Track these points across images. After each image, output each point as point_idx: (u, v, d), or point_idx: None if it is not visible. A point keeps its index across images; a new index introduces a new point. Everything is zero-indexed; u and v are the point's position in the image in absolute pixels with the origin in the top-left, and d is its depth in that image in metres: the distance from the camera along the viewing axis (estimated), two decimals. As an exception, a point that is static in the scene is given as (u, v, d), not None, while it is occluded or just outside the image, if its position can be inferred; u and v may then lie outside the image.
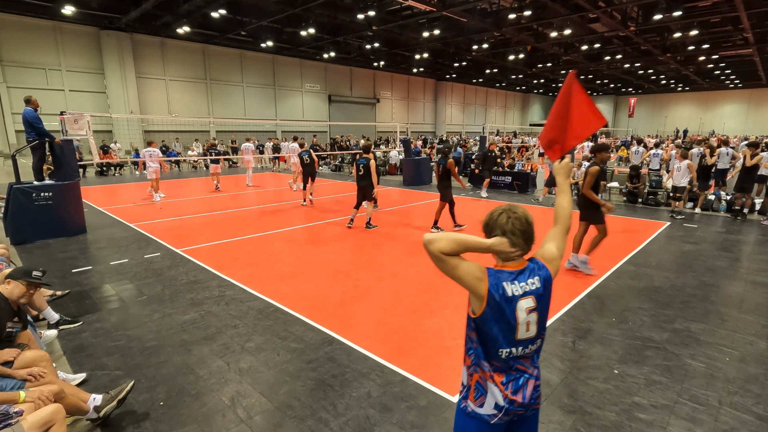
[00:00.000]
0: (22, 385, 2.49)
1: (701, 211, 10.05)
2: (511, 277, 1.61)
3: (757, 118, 46.74)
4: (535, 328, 1.64)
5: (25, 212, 7.19)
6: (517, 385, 1.65)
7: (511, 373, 1.65)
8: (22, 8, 20.39)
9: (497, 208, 1.68)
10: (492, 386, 1.63)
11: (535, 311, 1.62)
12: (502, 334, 1.60)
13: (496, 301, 1.57)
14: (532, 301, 1.61)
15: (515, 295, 1.59)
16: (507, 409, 1.64)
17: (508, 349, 1.61)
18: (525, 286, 1.61)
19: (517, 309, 1.59)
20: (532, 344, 1.65)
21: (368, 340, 3.81)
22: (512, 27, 23.19)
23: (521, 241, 1.60)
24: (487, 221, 1.67)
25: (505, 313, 1.58)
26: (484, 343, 1.63)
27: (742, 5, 18.40)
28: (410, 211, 10.14)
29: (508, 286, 1.59)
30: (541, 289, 1.64)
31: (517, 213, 1.62)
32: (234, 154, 24.69)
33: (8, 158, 17.91)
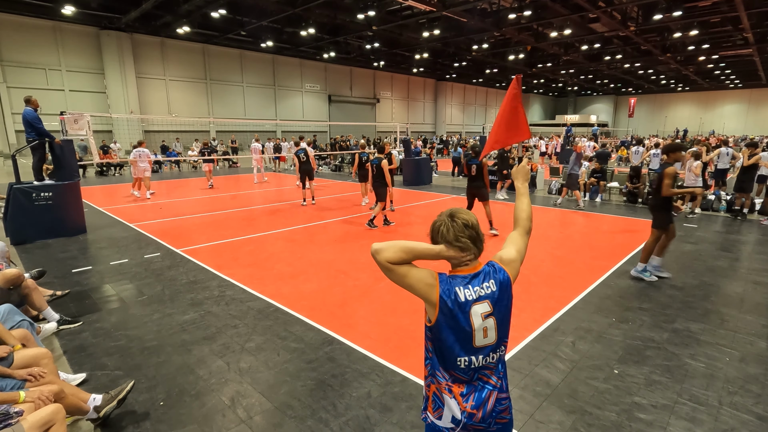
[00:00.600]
0: (22, 385, 2.49)
1: (701, 211, 10.05)
2: (464, 281, 1.55)
3: (757, 118, 46.76)
4: (494, 335, 1.55)
5: (25, 212, 7.19)
6: (479, 398, 1.56)
7: (472, 384, 1.56)
8: (22, 8, 20.41)
9: (438, 216, 1.61)
10: (448, 399, 1.56)
11: (491, 316, 1.54)
12: (459, 342, 1.53)
13: (449, 307, 1.51)
14: (488, 305, 1.54)
15: (468, 300, 1.52)
16: (465, 423, 1.55)
17: (466, 358, 1.54)
18: (479, 290, 1.55)
19: (472, 314, 1.52)
20: (493, 352, 1.57)
21: (368, 340, 3.81)
22: (512, 27, 23.21)
23: (469, 244, 1.56)
24: (430, 231, 1.61)
25: (459, 319, 1.51)
26: (440, 353, 1.56)
27: (742, 5, 18.41)
28: (410, 211, 10.14)
29: (460, 291, 1.53)
30: (497, 293, 1.57)
31: (456, 221, 1.56)
32: (234, 154, 24.71)
33: (8, 158, 17.91)
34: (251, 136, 23.79)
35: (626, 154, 22.59)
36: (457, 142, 29.30)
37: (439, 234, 1.57)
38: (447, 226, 1.55)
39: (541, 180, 13.97)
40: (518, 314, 4.39)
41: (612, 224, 8.85)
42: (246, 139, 26.02)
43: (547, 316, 4.34)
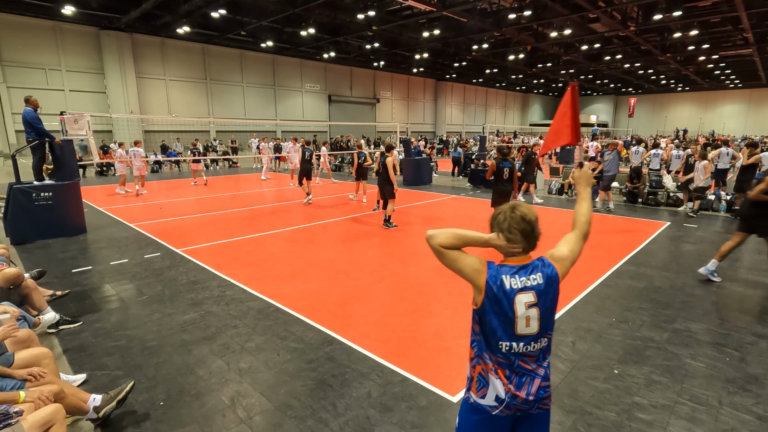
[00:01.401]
0: (22, 385, 2.49)
1: (700, 210, 10.05)
2: (512, 271, 1.65)
3: (757, 118, 46.75)
4: (536, 325, 1.63)
5: (25, 212, 7.19)
6: (520, 382, 1.65)
7: (513, 369, 1.65)
8: (22, 8, 20.41)
9: (501, 207, 1.72)
10: (494, 379, 1.66)
11: (535, 306, 1.62)
12: (502, 327, 1.63)
13: (494, 292, 1.61)
14: (532, 296, 1.62)
15: (513, 288, 1.62)
16: (509, 403, 1.64)
17: (508, 343, 1.63)
18: (526, 281, 1.63)
19: (516, 302, 1.61)
20: (535, 342, 1.64)
21: (368, 340, 3.81)
22: (512, 27, 23.20)
23: (519, 237, 1.64)
24: (491, 218, 1.73)
25: (503, 305, 1.61)
26: (485, 335, 1.66)
27: (742, 5, 18.41)
28: (410, 211, 10.14)
29: (507, 279, 1.63)
30: (543, 286, 1.64)
31: (515, 212, 1.65)
32: (234, 154, 24.71)
33: (8, 158, 17.91)
34: (251, 136, 23.85)
35: (626, 154, 22.57)
36: (456, 142, 29.30)
37: (496, 222, 1.68)
38: (505, 216, 1.66)
39: (541, 180, 13.97)
40: (518, 314, 4.39)
41: (612, 224, 8.85)
42: (246, 139, 25.98)
43: (547, 316, 4.33)
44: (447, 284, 5.23)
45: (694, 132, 42.36)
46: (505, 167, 7.38)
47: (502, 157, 7.47)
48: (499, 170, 7.38)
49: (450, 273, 4.74)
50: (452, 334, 3.94)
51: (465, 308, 4.52)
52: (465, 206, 10.85)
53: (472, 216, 9.52)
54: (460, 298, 4.79)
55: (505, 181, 7.40)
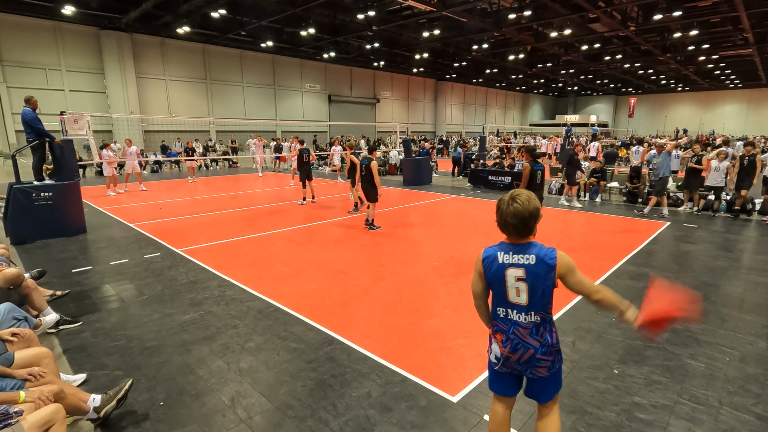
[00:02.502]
0: (22, 385, 2.49)
1: (702, 211, 10.06)
2: (507, 248, 1.95)
3: (757, 118, 46.77)
4: (525, 297, 1.91)
5: (25, 212, 7.19)
6: (514, 348, 1.96)
7: (510, 337, 1.97)
8: (22, 8, 20.42)
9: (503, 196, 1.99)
10: (493, 342, 2.06)
11: (524, 281, 1.89)
12: (498, 295, 1.99)
13: (488, 267, 1.97)
14: (522, 272, 1.89)
15: (504, 263, 1.93)
16: (504, 361, 2.01)
17: (504, 309, 1.98)
18: (518, 258, 1.91)
19: (506, 275, 1.92)
20: (525, 313, 1.92)
21: (368, 340, 3.81)
22: (512, 27, 23.20)
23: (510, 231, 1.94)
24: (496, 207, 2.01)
25: (496, 275, 1.95)
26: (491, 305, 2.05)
27: (742, 5, 18.41)
28: (410, 211, 10.14)
29: (500, 255, 1.95)
30: (534, 266, 1.88)
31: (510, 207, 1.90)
32: (234, 154, 24.72)
33: (8, 158, 17.91)
34: (250, 137, 23.85)
35: (626, 154, 22.58)
36: (457, 142, 29.30)
37: (498, 209, 1.96)
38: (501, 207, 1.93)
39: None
40: (518, 314, 4.39)
41: (612, 224, 8.85)
42: (246, 139, 25.99)
43: (547, 316, 4.33)
44: (447, 284, 5.23)
45: (694, 132, 42.34)
46: (539, 170, 6.66)
47: (534, 159, 6.71)
48: (533, 174, 6.56)
49: (450, 273, 4.74)
50: (452, 334, 3.94)
51: (465, 308, 4.52)
52: (465, 206, 10.85)
53: (472, 216, 9.52)
54: (460, 298, 4.79)
55: (538, 186, 6.69)
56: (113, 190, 13.13)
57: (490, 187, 14.01)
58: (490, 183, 14.09)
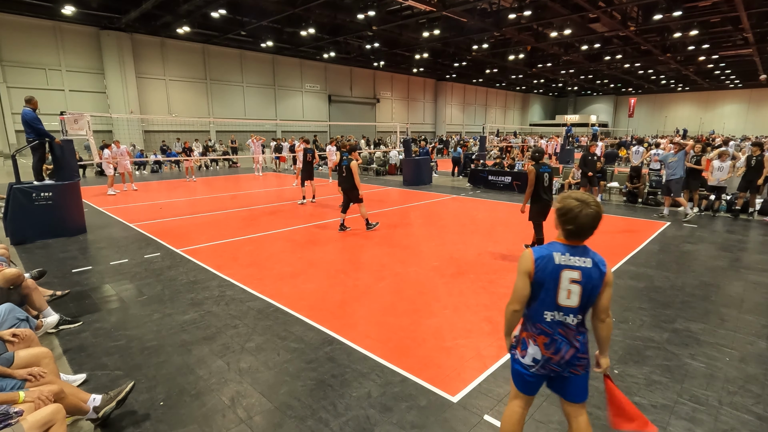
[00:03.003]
0: (22, 385, 2.49)
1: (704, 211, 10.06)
2: (564, 249, 1.91)
3: (757, 118, 46.78)
4: (576, 300, 1.90)
5: (25, 212, 7.19)
6: (557, 349, 1.96)
7: (554, 338, 1.96)
8: (22, 8, 20.42)
9: (571, 200, 1.90)
10: (532, 345, 2.01)
11: (578, 284, 1.88)
12: (548, 299, 1.93)
13: (542, 268, 1.91)
14: (578, 274, 1.88)
15: (561, 264, 1.89)
16: (544, 364, 1.99)
17: (552, 313, 1.94)
18: (575, 260, 1.89)
19: (561, 276, 1.88)
20: (574, 315, 1.93)
21: (368, 340, 3.81)
22: (512, 27, 23.21)
23: (580, 233, 1.88)
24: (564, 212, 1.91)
25: (549, 277, 1.90)
26: (533, 307, 1.98)
27: (742, 5, 18.41)
28: (410, 211, 10.14)
29: (557, 255, 1.90)
30: (591, 269, 1.88)
31: (586, 210, 1.86)
32: (234, 154, 24.72)
33: (8, 158, 17.91)
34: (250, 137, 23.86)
35: (626, 154, 22.57)
36: (457, 141, 29.29)
37: (567, 211, 1.88)
38: (573, 211, 1.87)
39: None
40: (518, 314, 4.39)
41: (612, 224, 8.84)
42: (246, 139, 25.98)
43: (547, 316, 4.33)
44: (447, 284, 5.23)
45: (694, 132, 42.34)
46: (545, 173, 6.20)
47: (537, 162, 6.25)
48: (539, 178, 6.14)
49: (450, 273, 4.75)
50: (452, 334, 3.94)
51: (465, 308, 4.52)
52: (465, 206, 10.85)
53: (472, 216, 9.52)
54: (460, 298, 4.79)
55: (547, 189, 6.25)
56: (114, 189, 13.24)
57: (490, 187, 14.02)
58: (490, 183, 14.09)
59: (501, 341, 3.80)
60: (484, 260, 6.20)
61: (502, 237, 7.63)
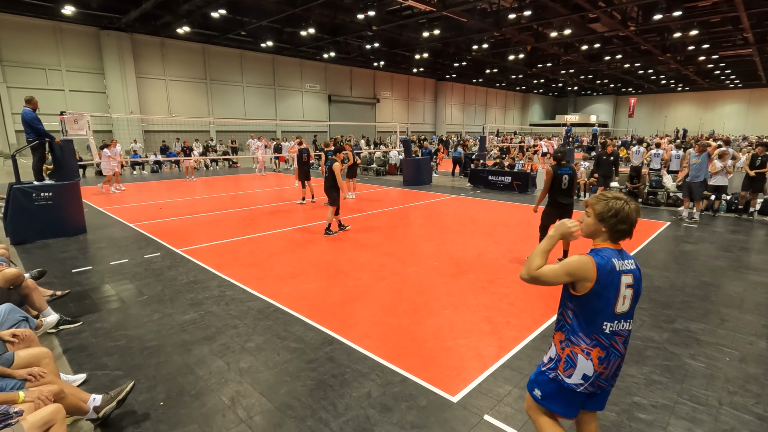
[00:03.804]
0: (21, 385, 2.49)
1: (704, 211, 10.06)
2: (616, 253, 1.83)
3: (757, 118, 46.77)
4: (629, 304, 1.83)
5: (25, 212, 7.19)
6: (608, 361, 1.84)
7: (606, 347, 1.83)
8: (22, 8, 20.41)
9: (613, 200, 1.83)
10: (584, 360, 1.84)
11: (631, 288, 1.82)
12: (608, 308, 1.80)
13: (606, 275, 1.77)
14: (631, 278, 1.82)
15: (620, 270, 1.80)
16: (594, 381, 1.85)
17: (611, 323, 1.82)
18: (626, 264, 1.83)
19: (621, 282, 1.80)
20: (625, 321, 1.84)
21: (368, 340, 3.81)
22: (512, 27, 23.20)
23: (628, 229, 1.83)
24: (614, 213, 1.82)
25: (612, 285, 1.79)
26: (586, 318, 1.83)
27: (742, 5, 18.41)
28: (410, 211, 10.14)
29: (616, 261, 1.80)
30: (637, 272, 1.85)
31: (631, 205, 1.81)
32: (234, 154, 24.72)
33: (8, 158, 17.91)
34: (250, 137, 23.87)
35: (626, 153, 22.57)
36: (457, 141, 29.28)
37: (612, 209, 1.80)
38: (624, 210, 1.80)
39: (541, 180, 13.97)
40: (518, 314, 4.39)
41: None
42: (246, 139, 25.99)
43: (547, 315, 4.34)
44: (447, 284, 5.23)
45: (694, 132, 42.35)
46: (565, 174, 5.87)
47: (558, 163, 5.95)
48: (558, 179, 5.86)
49: (450, 273, 4.72)
50: (452, 334, 3.94)
51: (465, 308, 4.52)
52: (465, 206, 10.85)
53: (472, 216, 9.51)
54: (460, 298, 4.79)
55: (565, 191, 5.92)
56: (115, 187, 13.34)
57: (490, 187, 14.02)
58: (490, 183, 14.09)
59: (501, 341, 3.80)
60: (484, 260, 6.20)
61: (502, 237, 7.62)
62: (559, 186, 5.84)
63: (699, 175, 8.80)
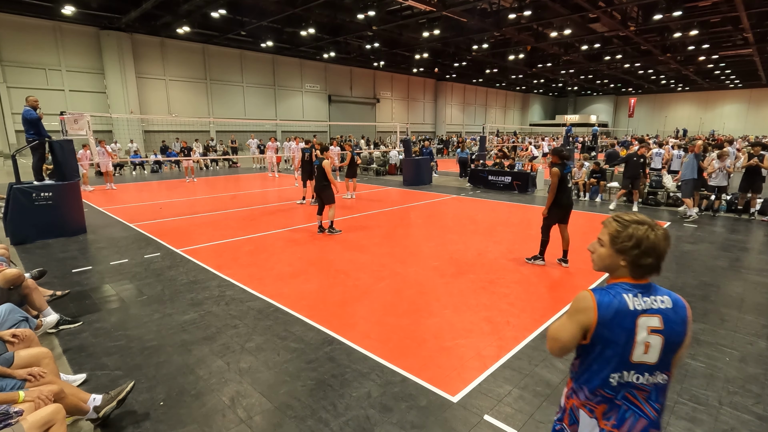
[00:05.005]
0: (21, 385, 2.49)
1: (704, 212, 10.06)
2: (634, 290, 1.43)
3: (757, 118, 46.76)
4: (656, 355, 1.41)
5: (25, 212, 7.19)
6: (621, 419, 1.43)
7: (616, 404, 1.44)
8: (22, 8, 20.41)
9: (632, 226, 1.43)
10: (587, 418, 1.48)
11: (659, 334, 1.40)
12: (618, 357, 1.41)
13: (610, 317, 1.40)
14: (658, 321, 1.40)
15: (636, 309, 1.40)
16: None
17: (619, 374, 1.43)
18: (651, 302, 1.42)
19: (637, 325, 1.39)
20: (650, 374, 1.43)
21: (368, 340, 3.81)
22: (512, 27, 23.20)
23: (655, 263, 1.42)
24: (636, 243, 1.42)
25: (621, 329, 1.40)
26: (590, 369, 1.47)
27: (742, 5, 18.41)
28: (410, 211, 10.14)
29: (629, 298, 1.41)
30: (671, 311, 1.41)
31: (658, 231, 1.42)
32: (234, 154, 24.72)
33: (8, 158, 17.91)
34: (250, 137, 23.87)
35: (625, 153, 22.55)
36: (457, 141, 29.25)
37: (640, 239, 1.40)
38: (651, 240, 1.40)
39: (541, 180, 13.98)
40: (518, 314, 4.39)
41: (612, 224, 8.83)
42: (246, 139, 25.98)
43: (547, 316, 4.34)
44: (447, 284, 5.23)
45: (694, 132, 42.34)
46: (568, 173, 5.81)
47: (562, 161, 5.74)
48: (564, 178, 5.70)
49: (450, 273, 4.74)
50: (452, 334, 3.94)
51: (465, 308, 4.52)
52: (465, 206, 10.85)
53: (472, 216, 9.51)
54: (460, 298, 4.79)
55: (569, 191, 5.83)
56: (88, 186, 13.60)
57: (490, 187, 14.02)
58: (490, 183, 14.09)
59: (501, 341, 3.80)
60: (484, 260, 6.20)
61: (502, 237, 7.62)
62: (565, 186, 5.74)
63: (685, 173, 9.26)
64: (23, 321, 3.18)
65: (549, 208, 5.83)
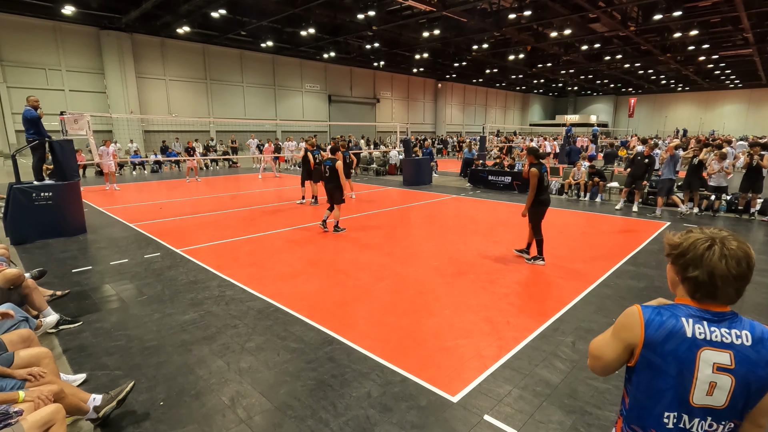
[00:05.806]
0: (21, 385, 2.49)
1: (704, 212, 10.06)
2: (699, 315, 1.19)
3: (757, 118, 46.77)
4: (724, 398, 1.15)
5: (25, 212, 7.19)
6: None
7: None
8: (22, 8, 20.41)
9: (697, 233, 1.22)
10: None
11: (729, 374, 1.14)
12: (671, 391, 1.18)
13: (660, 342, 1.18)
14: (729, 357, 1.14)
15: (697, 339, 1.16)
16: None
17: (675, 414, 1.19)
18: (721, 334, 1.16)
19: (699, 359, 1.15)
20: (715, 421, 1.18)
21: (368, 340, 3.81)
22: (512, 27, 23.21)
23: (731, 291, 1.18)
24: (683, 251, 1.21)
25: (676, 359, 1.16)
26: (639, 400, 1.24)
27: (742, 5, 18.42)
28: (410, 211, 10.14)
29: (688, 323, 1.17)
30: (750, 349, 1.14)
31: (729, 248, 1.17)
32: (234, 154, 24.72)
33: (8, 158, 17.92)
34: (250, 137, 23.86)
35: (626, 154, 22.55)
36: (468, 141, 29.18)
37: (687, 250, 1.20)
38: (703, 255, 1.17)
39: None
40: (518, 314, 4.39)
41: (612, 224, 8.85)
42: (246, 139, 25.98)
43: (547, 316, 4.34)
44: (447, 284, 5.23)
45: (694, 132, 42.34)
46: (545, 172, 5.98)
47: (538, 160, 5.99)
48: (542, 177, 5.88)
49: (450, 273, 4.75)
50: (452, 334, 3.94)
51: (465, 308, 4.52)
52: (465, 206, 10.85)
53: (472, 216, 9.51)
54: (460, 298, 4.79)
55: (546, 188, 6.01)
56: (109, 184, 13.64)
57: (490, 187, 14.02)
58: (490, 183, 14.10)
59: (501, 341, 3.81)
60: (484, 260, 6.20)
61: (502, 237, 7.62)
62: (543, 184, 5.93)
63: (663, 173, 9.68)
64: (23, 321, 3.18)
65: (532, 209, 5.97)
